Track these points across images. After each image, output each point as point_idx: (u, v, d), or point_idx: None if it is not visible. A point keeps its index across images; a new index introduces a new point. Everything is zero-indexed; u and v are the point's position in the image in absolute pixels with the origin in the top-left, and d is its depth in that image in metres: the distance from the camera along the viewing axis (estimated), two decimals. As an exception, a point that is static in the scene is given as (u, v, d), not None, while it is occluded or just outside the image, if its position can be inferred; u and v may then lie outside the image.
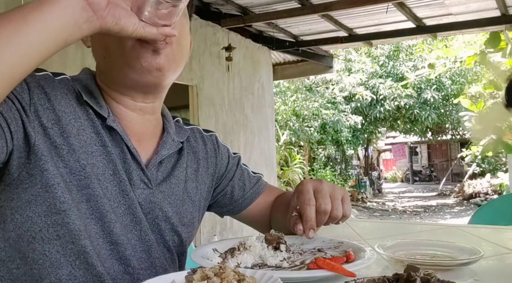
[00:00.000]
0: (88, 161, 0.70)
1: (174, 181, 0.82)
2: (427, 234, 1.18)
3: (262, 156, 5.67)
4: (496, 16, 4.28)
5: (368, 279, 0.59)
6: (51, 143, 0.68)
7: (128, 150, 0.75)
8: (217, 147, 0.96)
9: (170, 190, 0.82)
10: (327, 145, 12.96)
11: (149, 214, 0.78)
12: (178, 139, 0.85)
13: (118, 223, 0.73)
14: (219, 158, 0.95)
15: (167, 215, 0.80)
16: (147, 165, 0.79)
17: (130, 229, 0.75)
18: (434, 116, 12.81)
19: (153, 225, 0.79)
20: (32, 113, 0.67)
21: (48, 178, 0.66)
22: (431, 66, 7.68)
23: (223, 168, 0.96)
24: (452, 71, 11.85)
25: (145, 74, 0.73)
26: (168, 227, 0.81)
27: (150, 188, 0.78)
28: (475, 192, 12.94)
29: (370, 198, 14.02)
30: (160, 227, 0.80)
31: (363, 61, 13.07)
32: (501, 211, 2.79)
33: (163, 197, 0.80)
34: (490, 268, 0.80)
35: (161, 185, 0.80)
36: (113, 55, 0.73)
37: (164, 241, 0.81)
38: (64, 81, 0.75)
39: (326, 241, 0.86)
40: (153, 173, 0.79)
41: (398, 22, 4.58)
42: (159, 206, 0.79)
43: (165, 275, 0.63)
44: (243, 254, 0.73)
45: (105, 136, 0.73)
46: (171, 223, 0.81)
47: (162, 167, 0.81)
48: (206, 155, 0.93)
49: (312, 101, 11.64)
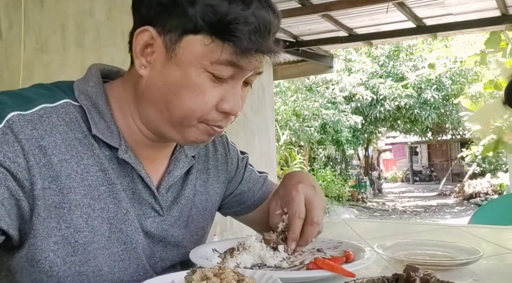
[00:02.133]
0: (95, 206, 0.66)
1: (183, 201, 0.80)
2: (427, 234, 1.18)
3: (262, 156, 5.66)
4: (496, 16, 4.27)
5: (367, 279, 0.59)
6: (49, 205, 0.62)
7: (140, 178, 0.72)
8: (227, 150, 0.93)
9: (180, 212, 0.79)
10: (327, 144, 12.95)
11: (161, 242, 0.76)
12: (191, 153, 0.82)
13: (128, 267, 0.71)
14: (230, 163, 0.92)
15: (179, 239, 0.79)
16: (158, 186, 0.76)
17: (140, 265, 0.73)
18: (434, 116, 12.81)
19: (165, 253, 0.77)
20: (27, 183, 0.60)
21: (35, 253, 0.62)
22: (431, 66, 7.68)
23: (232, 172, 0.94)
24: (452, 71, 11.84)
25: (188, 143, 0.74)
26: (181, 251, 0.79)
27: (162, 215, 0.76)
28: (475, 192, 12.94)
29: (370, 198, 14.02)
30: (172, 253, 0.78)
31: (363, 61, 13.06)
32: (501, 211, 2.79)
33: (174, 221, 0.78)
34: (490, 268, 0.80)
35: (172, 209, 0.78)
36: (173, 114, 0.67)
37: (173, 266, 0.80)
38: (65, 109, 0.67)
39: (326, 241, 0.86)
40: (163, 196, 0.76)
41: (398, 22, 4.58)
42: (171, 233, 0.77)
43: (165, 275, 0.63)
44: (243, 254, 0.73)
45: (112, 172, 0.69)
46: (183, 245, 0.80)
47: (172, 186, 0.79)
48: (217, 162, 0.89)
49: (312, 101, 11.64)
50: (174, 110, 0.67)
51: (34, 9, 2.22)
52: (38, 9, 2.24)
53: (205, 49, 0.63)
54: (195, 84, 0.65)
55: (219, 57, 0.63)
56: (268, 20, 0.65)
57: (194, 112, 0.67)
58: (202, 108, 0.66)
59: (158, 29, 0.65)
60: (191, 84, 0.65)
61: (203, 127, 0.69)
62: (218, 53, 0.63)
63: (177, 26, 0.64)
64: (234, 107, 0.68)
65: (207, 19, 0.62)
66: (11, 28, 2.10)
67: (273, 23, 0.67)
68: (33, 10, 2.21)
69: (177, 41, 0.64)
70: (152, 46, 0.66)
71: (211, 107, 0.67)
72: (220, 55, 0.63)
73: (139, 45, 0.66)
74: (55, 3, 2.32)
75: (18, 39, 2.10)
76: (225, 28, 0.62)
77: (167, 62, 0.65)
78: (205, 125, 0.69)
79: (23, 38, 2.11)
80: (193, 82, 0.65)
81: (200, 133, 0.70)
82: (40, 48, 2.22)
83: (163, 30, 0.65)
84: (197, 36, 0.63)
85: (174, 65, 0.65)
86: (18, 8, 2.10)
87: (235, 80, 0.68)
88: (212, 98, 0.67)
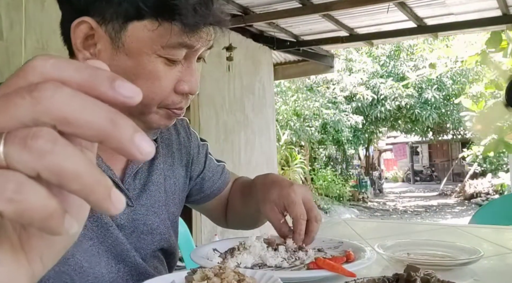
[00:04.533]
0: None
1: (153, 187, 0.78)
2: (428, 234, 1.18)
3: (263, 156, 5.66)
4: (497, 16, 4.27)
5: (368, 279, 0.59)
6: None
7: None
8: (189, 134, 0.91)
9: (152, 199, 0.77)
10: (328, 144, 12.94)
11: (134, 232, 0.74)
12: (152, 137, 0.78)
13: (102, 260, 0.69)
14: (192, 147, 0.90)
15: (153, 226, 0.77)
16: (123, 177, 0.73)
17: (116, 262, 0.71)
18: (435, 116, 12.79)
19: (139, 242, 0.75)
20: None
21: None
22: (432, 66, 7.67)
23: (194, 156, 0.91)
24: (453, 71, 11.83)
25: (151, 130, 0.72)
26: (157, 238, 0.78)
27: (131, 206, 0.73)
28: (476, 192, 12.92)
29: (371, 197, 14.00)
30: (146, 241, 0.76)
31: (364, 61, 13.05)
32: (502, 211, 2.78)
33: (146, 210, 0.76)
34: (490, 268, 0.80)
35: (141, 197, 0.75)
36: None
37: (153, 253, 0.78)
38: None
39: (326, 241, 0.86)
40: (130, 184, 0.74)
41: (399, 22, 4.58)
42: (142, 221, 0.75)
43: (165, 275, 0.63)
44: (243, 254, 0.73)
45: None
46: (159, 232, 0.78)
47: (138, 173, 0.76)
48: (180, 145, 0.88)
49: (313, 101, 11.63)
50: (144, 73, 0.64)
51: (35, 9, 2.22)
52: (39, 9, 2.24)
53: (153, 34, 0.61)
54: (149, 72, 0.63)
55: (169, 39, 0.61)
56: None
57: (153, 99, 0.65)
58: (160, 94, 0.65)
59: (97, 19, 0.62)
60: (145, 72, 0.63)
61: (163, 112, 0.68)
62: (168, 35, 0.61)
63: (118, 14, 0.61)
64: (193, 87, 0.67)
65: (149, 2, 0.60)
66: (12, 27, 2.10)
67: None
68: (34, 9, 2.21)
69: (121, 29, 0.62)
70: (93, 37, 0.63)
71: (169, 92, 0.66)
72: (170, 37, 0.61)
73: (79, 38, 0.62)
74: (55, 2, 2.32)
75: (19, 38, 2.10)
76: (169, 8, 0.60)
77: (114, 53, 0.63)
78: (165, 109, 0.68)
79: (24, 37, 2.11)
80: (147, 70, 0.63)
81: (161, 118, 0.69)
82: (41, 48, 2.22)
83: (103, 20, 0.61)
84: (143, 22, 0.61)
85: (123, 55, 0.63)
86: (19, 7, 2.10)
87: (189, 60, 0.67)
88: (169, 82, 0.65)
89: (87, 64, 0.24)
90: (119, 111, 0.23)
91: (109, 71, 0.23)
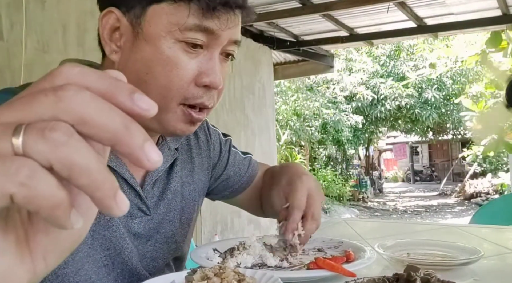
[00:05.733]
0: None
1: (170, 196, 0.77)
2: (428, 233, 1.18)
3: (263, 156, 5.66)
4: (497, 16, 4.27)
5: (368, 279, 0.59)
6: None
7: (124, 180, 0.69)
8: (209, 136, 0.89)
9: (168, 207, 0.77)
10: (328, 144, 12.94)
11: (149, 241, 0.74)
12: (174, 146, 0.78)
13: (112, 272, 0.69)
14: (212, 149, 0.89)
15: (167, 235, 0.77)
16: (143, 184, 0.73)
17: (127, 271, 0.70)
18: (435, 116, 12.79)
19: (155, 251, 0.75)
20: None
21: None
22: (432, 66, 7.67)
23: (216, 158, 0.90)
24: (453, 71, 11.82)
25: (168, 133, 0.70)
26: (172, 247, 0.77)
27: (148, 214, 0.73)
28: (476, 192, 12.92)
29: (371, 197, 14.00)
30: (162, 250, 0.76)
31: (364, 60, 13.04)
32: (502, 211, 2.78)
33: (161, 218, 0.76)
34: (490, 268, 0.80)
35: (159, 206, 0.75)
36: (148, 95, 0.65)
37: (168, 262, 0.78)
38: None
39: (326, 241, 0.86)
40: (149, 193, 0.73)
41: (399, 22, 4.57)
42: (157, 230, 0.75)
43: (165, 275, 0.63)
44: (243, 254, 0.74)
45: None
46: (175, 241, 0.78)
47: (157, 182, 0.75)
48: (200, 150, 0.86)
49: (313, 101, 11.63)
50: (149, 92, 0.61)
51: (36, 9, 2.22)
52: (39, 9, 2.24)
53: (171, 17, 0.60)
54: (167, 58, 0.61)
55: (186, 21, 0.60)
56: None
57: (170, 90, 0.62)
58: (178, 83, 0.62)
59: (123, 9, 0.61)
60: (163, 58, 0.61)
61: (181, 112, 0.65)
62: (185, 16, 0.60)
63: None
64: (215, 79, 0.64)
65: None
66: (12, 28, 2.10)
67: None
68: (35, 10, 2.21)
69: (141, 14, 0.61)
70: (119, 29, 0.62)
71: (188, 82, 0.63)
72: (187, 18, 0.60)
73: (106, 30, 0.62)
74: (56, 3, 2.33)
75: (19, 39, 2.10)
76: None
77: (135, 40, 0.62)
78: (183, 109, 0.65)
79: (25, 38, 2.11)
80: (165, 55, 0.61)
81: (179, 121, 0.65)
82: (42, 48, 2.22)
83: (127, 8, 0.61)
84: (161, 5, 0.60)
85: (143, 41, 0.61)
86: (20, 8, 2.10)
87: (210, 51, 0.64)
88: (188, 72, 0.62)
89: (110, 75, 0.26)
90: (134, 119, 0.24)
91: (129, 84, 0.25)
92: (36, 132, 0.22)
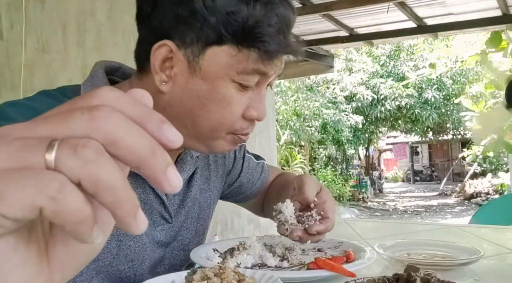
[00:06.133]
0: None
1: (190, 203, 0.79)
2: (428, 234, 1.18)
3: (263, 156, 5.64)
4: (497, 16, 4.27)
5: (368, 279, 0.59)
6: None
7: (151, 189, 0.71)
8: None
9: (187, 215, 0.79)
10: (328, 144, 12.95)
11: (168, 248, 0.76)
12: (195, 154, 0.80)
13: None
14: (227, 155, 0.91)
15: (184, 242, 0.79)
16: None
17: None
18: (435, 116, 12.80)
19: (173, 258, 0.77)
20: None
21: None
22: (432, 66, 7.68)
23: (230, 165, 0.92)
24: (453, 71, 11.84)
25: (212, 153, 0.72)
26: (188, 254, 0.78)
27: (170, 222, 0.75)
28: (476, 192, 12.92)
29: (371, 197, 14.01)
30: (180, 257, 0.78)
31: (364, 61, 13.05)
32: (502, 211, 2.78)
33: (181, 225, 0.78)
34: (490, 268, 0.80)
35: (179, 214, 0.78)
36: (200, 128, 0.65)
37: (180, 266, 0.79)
38: None
39: (326, 241, 0.86)
40: (171, 200, 0.76)
41: (399, 22, 4.57)
42: (178, 237, 0.78)
43: (165, 275, 0.63)
44: (243, 254, 0.73)
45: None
46: (189, 248, 0.79)
47: None
48: (216, 157, 0.88)
49: (313, 101, 11.64)
50: (201, 125, 0.65)
51: (35, 9, 2.22)
52: (39, 9, 2.24)
53: (231, 60, 0.61)
54: (223, 97, 0.63)
55: (246, 66, 0.61)
56: (288, 17, 0.63)
57: (223, 124, 0.65)
58: (230, 119, 0.65)
59: (177, 42, 0.61)
60: (219, 96, 0.63)
61: (230, 138, 0.68)
62: (245, 62, 0.61)
63: (199, 38, 0.60)
64: (261, 113, 0.67)
65: (231, 28, 0.59)
66: (12, 28, 2.10)
67: (292, 19, 0.65)
68: (34, 10, 2.21)
69: (200, 53, 0.61)
70: (171, 60, 0.62)
71: (238, 117, 0.66)
72: (247, 64, 0.61)
73: (158, 61, 0.62)
74: (56, 3, 2.32)
75: (19, 39, 2.10)
76: (250, 35, 0.60)
77: (190, 76, 0.62)
78: (232, 135, 0.68)
79: (24, 38, 2.11)
80: (221, 94, 0.63)
81: (228, 144, 0.69)
82: (41, 48, 2.22)
83: (183, 43, 0.61)
84: (222, 47, 0.61)
85: (199, 79, 0.62)
86: (19, 8, 2.10)
87: (260, 87, 0.67)
88: (240, 108, 0.65)
89: (145, 104, 0.27)
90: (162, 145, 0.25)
91: (160, 114, 0.26)
92: (69, 148, 0.23)
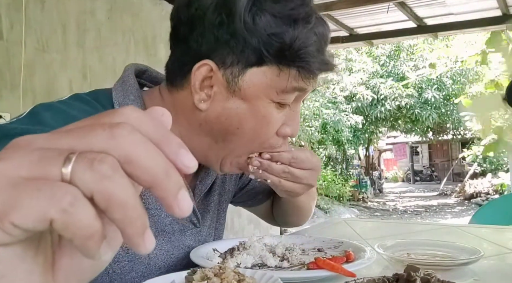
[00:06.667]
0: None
1: (213, 206, 0.80)
2: (428, 234, 1.18)
3: (263, 156, 5.66)
4: (497, 16, 4.27)
5: (368, 279, 0.59)
6: None
7: None
8: None
9: (211, 219, 0.80)
10: (328, 144, 12.94)
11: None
12: None
13: None
14: None
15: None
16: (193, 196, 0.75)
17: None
18: (435, 116, 12.79)
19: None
20: None
21: None
22: (432, 66, 7.68)
23: None
24: (453, 71, 11.84)
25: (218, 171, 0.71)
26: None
27: (198, 227, 0.76)
28: (476, 192, 12.93)
29: (371, 197, 14.01)
30: None
31: (364, 61, 13.05)
32: (502, 211, 2.78)
33: (206, 230, 0.79)
34: (490, 268, 0.80)
35: (205, 218, 0.79)
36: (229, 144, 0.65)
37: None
38: None
39: (326, 241, 0.86)
40: (198, 204, 0.77)
41: (399, 22, 4.57)
42: (204, 242, 0.79)
43: (165, 275, 0.63)
44: (243, 254, 0.73)
45: None
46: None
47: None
48: None
49: (313, 101, 11.63)
50: (234, 142, 0.65)
51: (35, 9, 2.22)
52: (39, 9, 2.24)
53: (271, 81, 0.61)
54: (262, 117, 0.63)
55: (286, 85, 0.61)
56: (326, 35, 0.63)
57: (256, 142, 0.64)
58: (264, 137, 0.64)
59: (217, 63, 0.61)
60: (258, 116, 0.63)
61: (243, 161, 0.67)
62: (285, 81, 0.61)
63: (239, 60, 0.60)
64: (295, 131, 0.66)
65: (272, 49, 0.59)
66: (12, 28, 2.10)
67: (329, 37, 0.65)
68: (34, 10, 2.21)
69: (239, 74, 0.61)
70: (211, 79, 0.62)
71: (273, 135, 0.65)
72: (287, 82, 0.61)
73: (198, 80, 0.62)
74: (56, 3, 2.33)
75: (19, 39, 2.10)
76: (292, 55, 0.59)
77: (229, 96, 0.62)
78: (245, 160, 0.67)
79: (24, 38, 2.11)
80: (260, 115, 0.63)
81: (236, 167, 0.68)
82: (41, 48, 2.22)
83: (223, 64, 0.61)
84: (262, 68, 0.61)
85: (239, 99, 0.62)
86: (19, 8, 2.10)
87: (295, 103, 0.66)
88: (275, 127, 0.64)
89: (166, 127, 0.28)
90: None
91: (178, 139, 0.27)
92: (86, 162, 0.23)
